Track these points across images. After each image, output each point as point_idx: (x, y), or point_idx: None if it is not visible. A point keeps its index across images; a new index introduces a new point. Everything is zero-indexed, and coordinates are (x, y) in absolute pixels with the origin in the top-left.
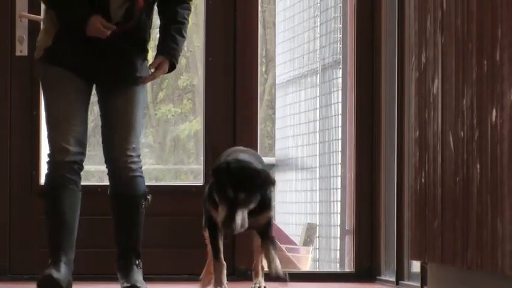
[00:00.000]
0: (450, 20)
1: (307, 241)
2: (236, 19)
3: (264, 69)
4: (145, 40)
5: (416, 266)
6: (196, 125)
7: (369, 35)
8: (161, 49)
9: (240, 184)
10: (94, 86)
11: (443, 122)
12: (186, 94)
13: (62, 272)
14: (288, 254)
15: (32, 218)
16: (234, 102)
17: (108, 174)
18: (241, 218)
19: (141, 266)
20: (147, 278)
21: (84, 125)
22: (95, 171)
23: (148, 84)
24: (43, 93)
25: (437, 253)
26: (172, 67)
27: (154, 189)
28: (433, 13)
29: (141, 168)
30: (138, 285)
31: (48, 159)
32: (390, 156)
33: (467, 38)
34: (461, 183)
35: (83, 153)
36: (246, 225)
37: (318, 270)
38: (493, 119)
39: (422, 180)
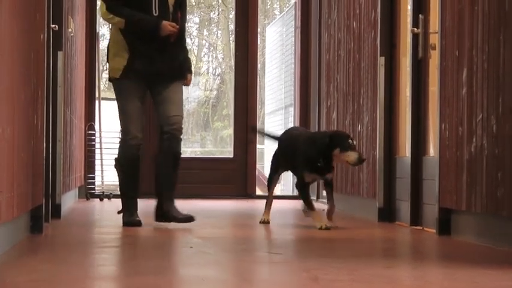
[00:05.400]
0: (340, 85)
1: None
2: (248, 83)
3: (260, 106)
4: (184, 46)
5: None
6: (230, 131)
7: (304, 88)
8: (189, 69)
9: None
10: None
11: None
12: (226, 118)
13: (134, 215)
14: None
15: None
16: (246, 122)
17: (163, 136)
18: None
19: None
20: None
21: (143, 120)
22: None
23: (210, 111)
24: (117, 99)
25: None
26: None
27: (209, 158)
28: (332, 81)
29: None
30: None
31: (122, 142)
32: None
33: (348, 92)
34: None
35: (143, 138)
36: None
37: (282, 194)
38: (359, 129)
39: None
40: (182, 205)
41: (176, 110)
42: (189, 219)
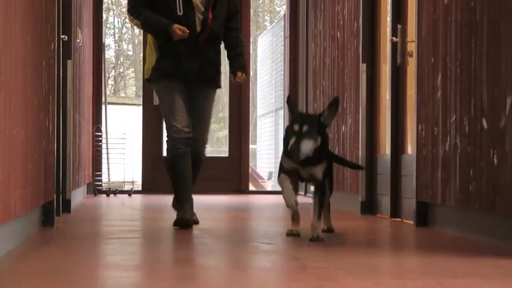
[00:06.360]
0: (326, 89)
1: (269, 177)
2: (241, 88)
3: (252, 109)
4: (220, 48)
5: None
6: (225, 132)
7: (293, 91)
8: (238, 66)
9: (303, 119)
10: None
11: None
12: (221, 120)
13: (188, 212)
14: (262, 183)
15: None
16: (239, 124)
17: None
18: (305, 145)
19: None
20: None
21: (188, 115)
22: None
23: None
24: (159, 99)
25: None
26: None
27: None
28: (319, 86)
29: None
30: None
31: (168, 138)
32: None
33: (333, 96)
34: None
35: (191, 133)
36: (309, 153)
37: (272, 190)
38: (343, 130)
39: None
40: None
41: (201, 126)
42: (193, 222)
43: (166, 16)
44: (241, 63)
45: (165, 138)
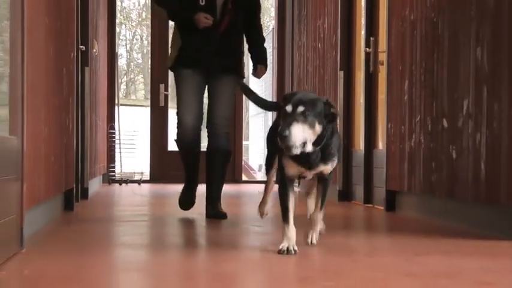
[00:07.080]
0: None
1: (259, 169)
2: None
3: (245, 111)
4: (241, 39)
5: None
6: None
7: (280, 96)
8: (260, 60)
9: (298, 100)
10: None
11: None
12: None
13: (187, 195)
14: (253, 174)
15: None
16: (234, 122)
17: (208, 133)
18: (296, 130)
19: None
20: None
21: (202, 107)
22: None
23: (204, 114)
24: (176, 87)
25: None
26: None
27: (204, 151)
28: (302, 89)
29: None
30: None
31: (176, 131)
32: None
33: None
34: None
35: (201, 125)
36: (300, 140)
37: (262, 179)
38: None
39: None
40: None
41: (221, 109)
42: (221, 216)
43: (189, 7)
44: (259, 56)
45: (169, 135)
